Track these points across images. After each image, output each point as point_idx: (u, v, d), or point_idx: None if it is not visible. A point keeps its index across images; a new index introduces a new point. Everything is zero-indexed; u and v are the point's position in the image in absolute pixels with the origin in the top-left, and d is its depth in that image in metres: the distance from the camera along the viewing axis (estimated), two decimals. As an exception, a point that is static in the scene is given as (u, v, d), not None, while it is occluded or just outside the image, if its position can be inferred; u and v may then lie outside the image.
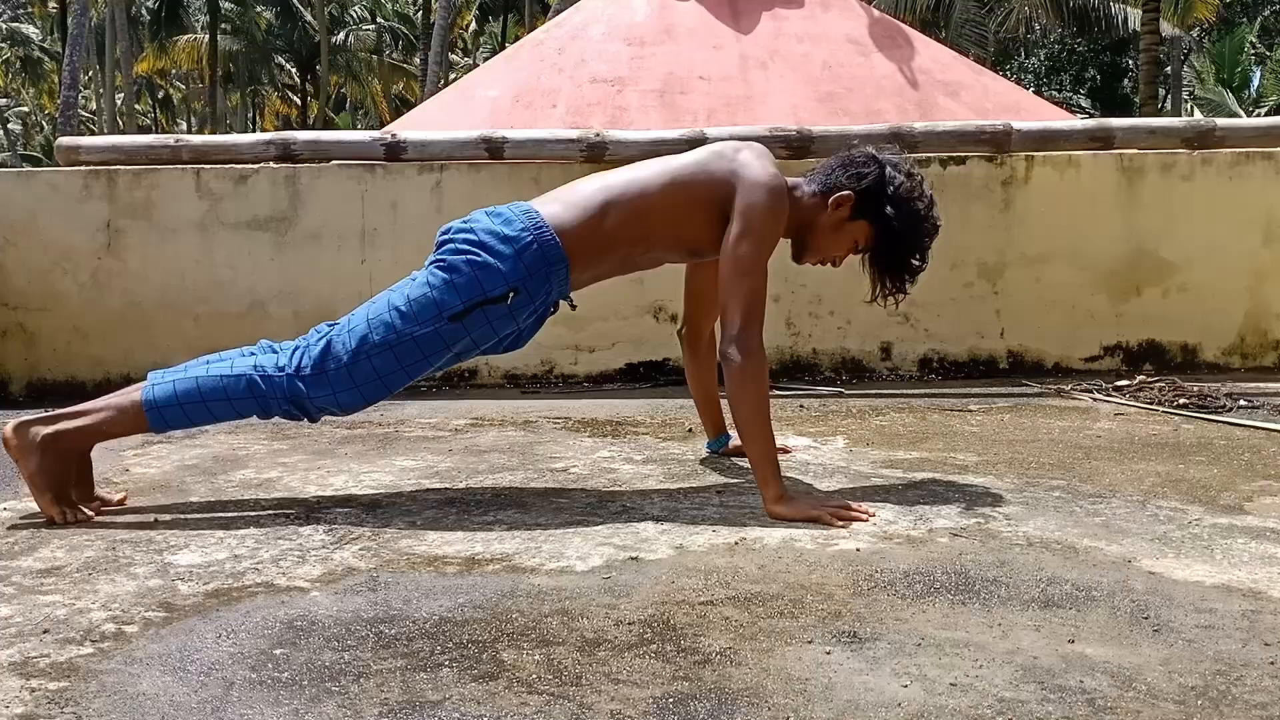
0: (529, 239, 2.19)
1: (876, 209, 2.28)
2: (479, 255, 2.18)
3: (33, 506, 2.22)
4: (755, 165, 2.26)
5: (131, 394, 2.21)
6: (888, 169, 2.30)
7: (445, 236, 2.26)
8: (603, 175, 2.35)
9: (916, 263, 2.34)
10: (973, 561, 1.83)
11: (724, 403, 2.66)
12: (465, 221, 2.26)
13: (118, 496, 2.28)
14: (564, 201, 2.28)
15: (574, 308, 2.37)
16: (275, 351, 2.23)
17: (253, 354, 2.24)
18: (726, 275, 2.21)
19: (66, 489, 2.16)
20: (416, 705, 1.29)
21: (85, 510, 2.16)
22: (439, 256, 2.23)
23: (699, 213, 2.27)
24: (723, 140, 2.42)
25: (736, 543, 1.95)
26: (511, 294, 2.18)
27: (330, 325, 2.26)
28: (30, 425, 2.15)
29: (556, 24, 8.25)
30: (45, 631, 1.54)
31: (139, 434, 2.34)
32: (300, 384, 2.18)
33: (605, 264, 2.32)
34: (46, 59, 37.30)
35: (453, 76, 25.41)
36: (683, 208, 2.27)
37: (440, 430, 3.13)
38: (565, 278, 2.24)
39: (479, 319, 2.19)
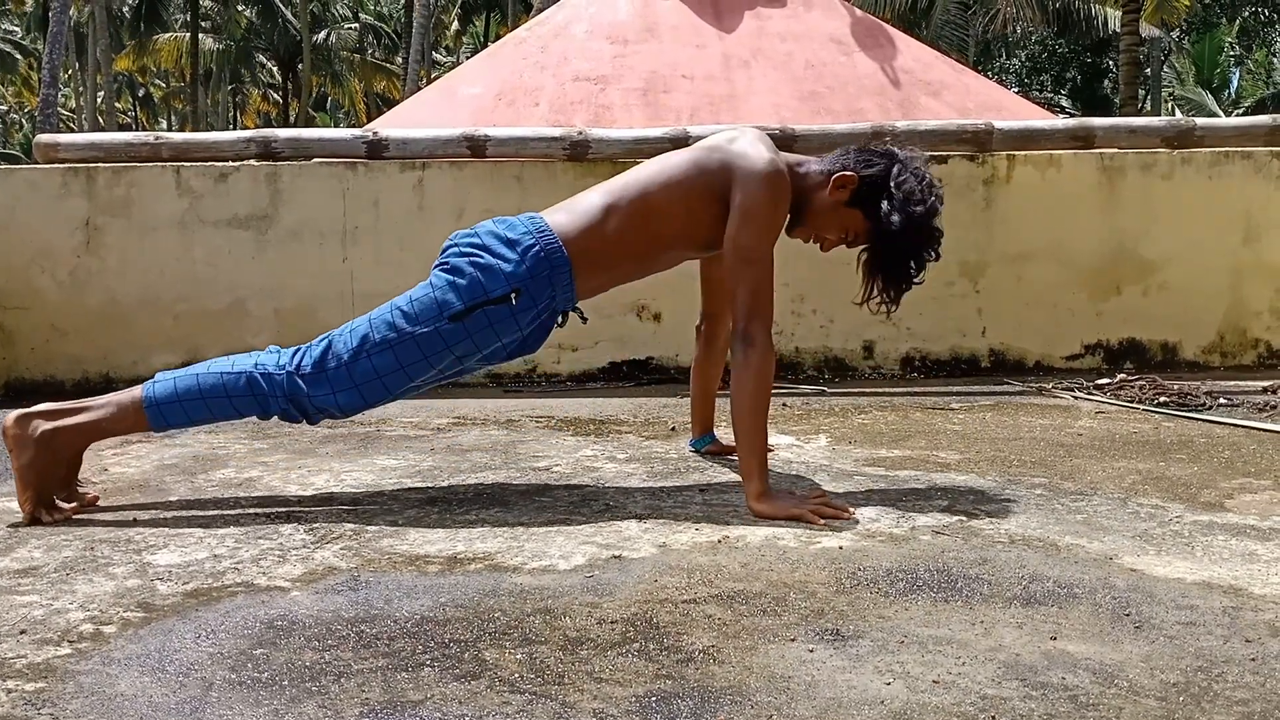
0: (531, 241, 2.20)
1: (873, 201, 2.24)
2: (482, 256, 2.19)
3: (10, 506, 2.20)
4: (750, 153, 2.24)
5: (134, 391, 2.21)
6: (897, 166, 2.26)
7: (450, 242, 2.28)
8: (606, 183, 2.35)
9: (911, 271, 2.28)
10: (955, 559, 1.83)
11: (718, 403, 2.66)
12: (471, 228, 2.28)
13: (90, 495, 2.26)
14: (568, 209, 2.29)
15: (584, 320, 2.38)
16: (278, 353, 2.23)
17: (257, 355, 2.24)
18: (731, 266, 2.22)
19: (51, 488, 2.15)
20: (398, 705, 1.28)
21: (64, 508, 2.14)
22: (443, 259, 2.25)
23: (701, 207, 2.26)
24: (712, 135, 2.41)
25: (720, 541, 1.95)
26: (514, 295, 2.18)
27: (335, 329, 2.26)
28: (32, 418, 2.14)
29: (539, 22, 8.23)
30: (22, 632, 1.52)
31: (139, 433, 2.32)
32: (300, 382, 2.18)
33: (617, 268, 2.32)
34: (19, 55, 37.00)
35: (436, 75, 25.35)
36: (684, 204, 2.27)
37: (422, 429, 3.12)
38: (569, 282, 2.24)
39: (480, 320, 2.18)
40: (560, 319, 2.31)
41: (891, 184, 2.24)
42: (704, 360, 2.67)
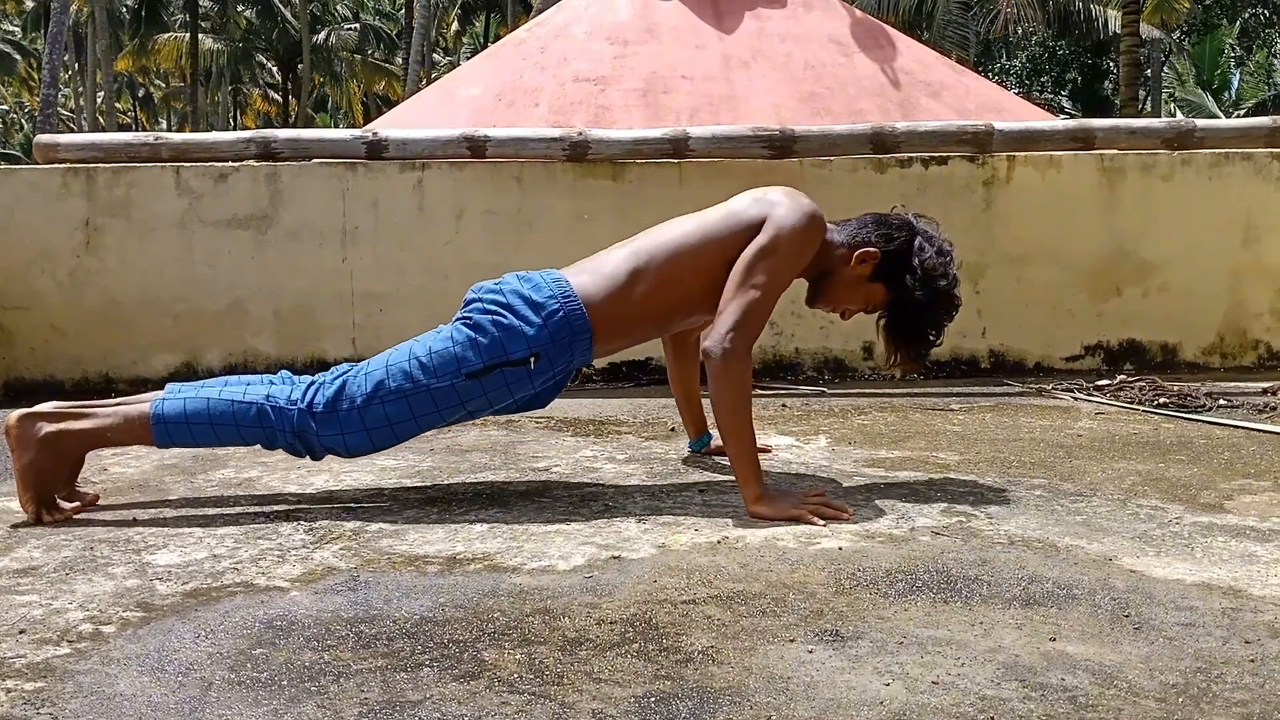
0: (555, 307, 2.19)
1: (897, 276, 2.28)
2: (505, 317, 2.18)
3: (11, 506, 2.20)
4: (788, 200, 2.25)
5: (142, 405, 2.19)
6: (919, 239, 2.29)
7: (474, 295, 2.26)
8: (632, 241, 2.32)
9: (931, 338, 2.33)
10: (954, 560, 1.83)
11: (706, 402, 2.66)
12: (496, 283, 2.26)
13: (90, 495, 2.25)
14: (592, 272, 2.27)
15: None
16: (291, 384, 2.21)
17: (270, 383, 2.21)
18: (734, 283, 2.19)
19: (52, 489, 2.14)
20: (397, 705, 1.28)
21: (65, 508, 2.14)
22: (465, 314, 2.24)
23: (734, 259, 2.22)
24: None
25: (719, 541, 1.95)
26: (533, 359, 2.18)
27: (350, 366, 2.25)
28: (36, 419, 2.13)
29: (539, 23, 8.23)
30: (21, 632, 1.52)
31: (142, 446, 2.32)
32: (310, 420, 2.17)
33: (638, 331, 2.32)
34: (19, 55, 36.99)
35: (435, 76, 25.35)
36: (718, 264, 2.23)
37: (422, 429, 3.12)
38: (588, 348, 2.24)
39: (497, 380, 2.19)
40: (574, 375, 2.32)
41: (914, 259, 2.27)
42: (676, 366, 2.66)
